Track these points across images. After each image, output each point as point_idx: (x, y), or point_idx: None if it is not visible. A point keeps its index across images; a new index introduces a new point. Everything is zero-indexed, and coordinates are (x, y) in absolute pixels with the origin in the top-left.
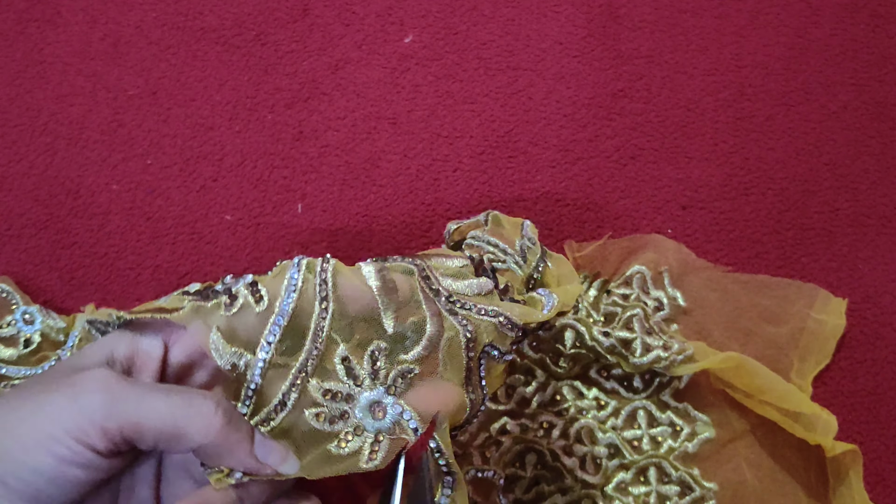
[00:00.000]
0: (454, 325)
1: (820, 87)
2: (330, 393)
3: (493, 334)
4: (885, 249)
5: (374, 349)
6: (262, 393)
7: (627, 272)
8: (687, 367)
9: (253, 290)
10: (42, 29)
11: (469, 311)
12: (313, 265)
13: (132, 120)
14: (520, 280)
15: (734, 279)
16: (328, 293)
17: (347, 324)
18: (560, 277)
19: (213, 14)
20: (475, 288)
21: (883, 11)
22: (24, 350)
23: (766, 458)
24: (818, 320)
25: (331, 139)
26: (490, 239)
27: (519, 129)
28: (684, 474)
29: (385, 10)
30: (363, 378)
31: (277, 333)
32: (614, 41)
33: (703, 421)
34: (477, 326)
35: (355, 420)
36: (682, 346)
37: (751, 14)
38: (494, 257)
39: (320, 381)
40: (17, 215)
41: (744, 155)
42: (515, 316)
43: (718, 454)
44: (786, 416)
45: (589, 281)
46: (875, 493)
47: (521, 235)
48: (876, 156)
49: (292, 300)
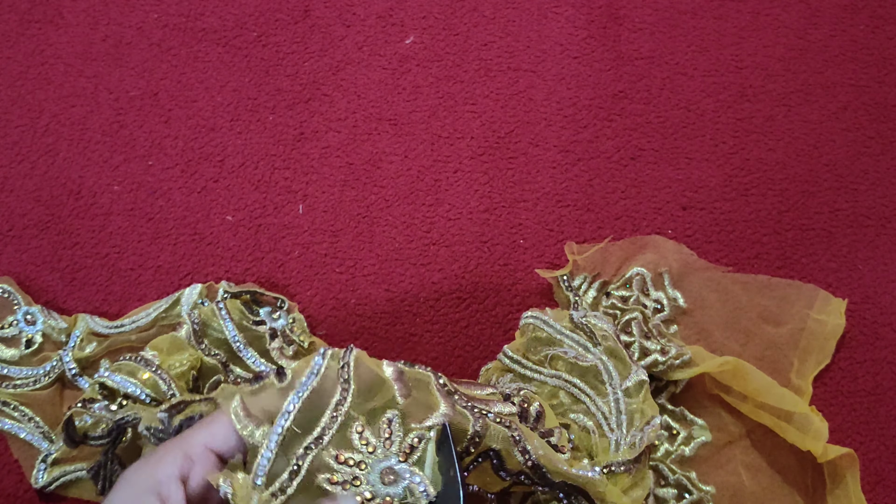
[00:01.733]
0: (466, 414)
1: (820, 88)
2: (344, 459)
3: (503, 444)
4: (884, 250)
5: (389, 417)
6: (277, 464)
7: (627, 274)
8: (684, 372)
9: (278, 372)
10: (44, 30)
11: (485, 415)
12: (337, 354)
13: (134, 121)
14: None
15: (734, 279)
16: (349, 375)
17: (364, 401)
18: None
19: (215, 15)
20: (496, 405)
21: (882, 13)
22: (26, 350)
23: (762, 461)
24: (818, 320)
25: (332, 140)
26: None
27: (519, 130)
28: (681, 477)
29: (386, 12)
30: (376, 446)
31: (297, 404)
32: (615, 42)
33: (700, 425)
34: (488, 427)
35: (367, 486)
36: (679, 350)
37: (751, 15)
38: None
39: (334, 450)
40: (18, 216)
41: (744, 156)
42: (532, 445)
43: (715, 458)
44: (780, 421)
45: (588, 282)
46: (875, 493)
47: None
48: (876, 157)
49: (314, 380)
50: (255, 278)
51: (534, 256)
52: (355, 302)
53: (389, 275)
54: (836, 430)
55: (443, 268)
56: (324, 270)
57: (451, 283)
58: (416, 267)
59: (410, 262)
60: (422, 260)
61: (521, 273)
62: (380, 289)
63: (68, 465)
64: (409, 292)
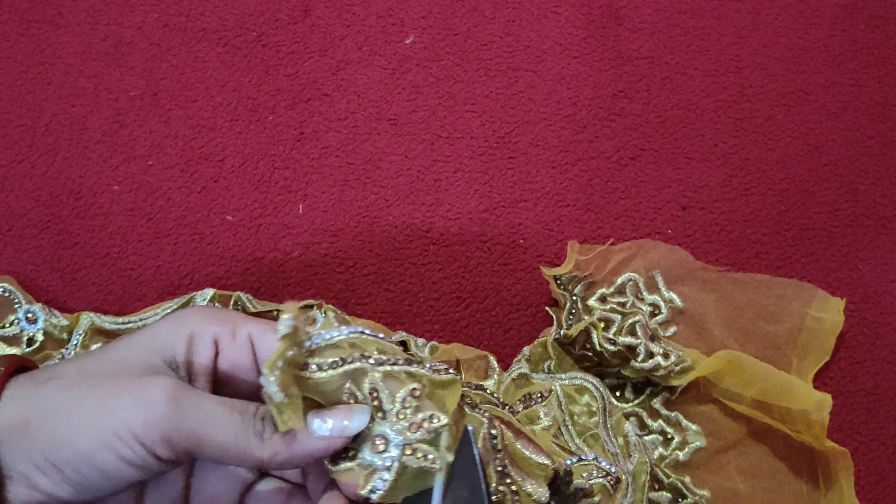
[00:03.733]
0: (482, 420)
1: (820, 87)
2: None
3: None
4: (884, 249)
5: (411, 388)
6: (327, 351)
7: (618, 281)
8: (682, 378)
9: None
10: (44, 30)
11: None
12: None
13: (134, 121)
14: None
15: (731, 279)
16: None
17: (435, 387)
18: None
19: (215, 15)
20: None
21: (882, 12)
22: (28, 349)
23: (757, 467)
24: (816, 318)
25: (332, 140)
26: None
27: (519, 129)
28: (676, 481)
29: (386, 12)
30: (399, 412)
31: (347, 330)
32: (614, 42)
33: (694, 430)
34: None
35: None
36: (679, 356)
37: (751, 15)
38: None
39: (379, 381)
40: (18, 216)
41: (744, 155)
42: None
43: (710, 463)
44: (775, 420)
45: (578, 281)
46: (875, 492)
47: None
48: (875, 156)
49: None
50: (255, 278)
51: (533, 256)
52: (355, 302)
53: (389, 275)
54: (836, 430)
55: (443, 268)
56: (324, 270)
57: (451, 283)
58: (416, 267)
59: (410, 262)
60: (422, 260)
61: (520, 273)
62: (380, 289)
63: None
64: (409, 292)
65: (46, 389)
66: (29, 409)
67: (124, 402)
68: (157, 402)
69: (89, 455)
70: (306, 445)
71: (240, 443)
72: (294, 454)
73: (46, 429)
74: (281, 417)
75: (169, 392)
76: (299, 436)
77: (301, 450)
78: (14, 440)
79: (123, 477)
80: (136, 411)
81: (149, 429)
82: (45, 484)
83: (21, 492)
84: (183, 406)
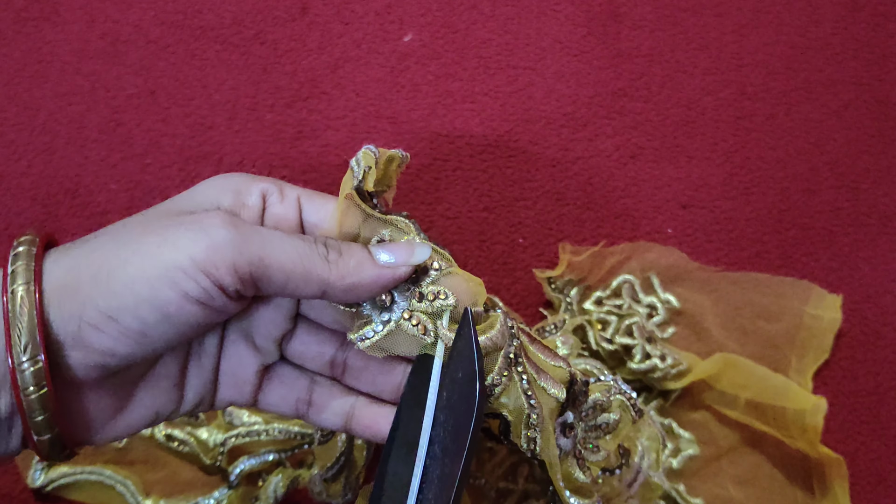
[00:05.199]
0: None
1: (821, 86)
2: None
3: (515, 415)
4: (885, 249)
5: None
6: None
7: (614, 283)
8: (678, 382)
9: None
10: (40, 28)
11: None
12: None
13: (131, 119)
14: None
15: (727, 279)
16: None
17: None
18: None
19: (212, 13)
20: (549, 380)
21: (884, 10)
22: None
23: (751, 474)
24: (814, 316)
25: (330, 138)
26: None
27: (519, 127)
28: (670, 489)
29: (384, 9)
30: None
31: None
32: (614, 40)
33: (687, 438)
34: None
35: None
36: (675, 359)
37: (752, 13)
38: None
39: None
40: (15, 214)
41: (744, 154)
42: (545, 440)
43: (703, 471)
44: (769, 426)
45: (572, 284)
46: (875, 493)
47: None
48: (877, 155)
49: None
50: None
51: (533, 255)
52: None
53: None
54: (836, 430)
55: None
56: None
57: None
58: None
59: None
60: None
61: (520, 272)
62: None
63: (66, 468)
64: None
65: (95, 242)
66: (78, 265)
67: (183, 234)
68: (218, 228)
69: (151, 296)
70: (373, 270)
71: (305, 263)
72: (362, 279)
73: (101, 278)
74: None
75: (227, 221)
76: (366, 262)
77: (368, 275)
78: (64, 300)
79: (185, 317)
80: (197, 240)
81: (213, 254)
82: (102, 341)
83: (75, 356)
84: (244, 231)
